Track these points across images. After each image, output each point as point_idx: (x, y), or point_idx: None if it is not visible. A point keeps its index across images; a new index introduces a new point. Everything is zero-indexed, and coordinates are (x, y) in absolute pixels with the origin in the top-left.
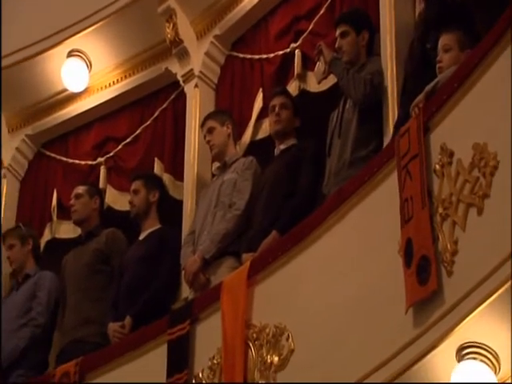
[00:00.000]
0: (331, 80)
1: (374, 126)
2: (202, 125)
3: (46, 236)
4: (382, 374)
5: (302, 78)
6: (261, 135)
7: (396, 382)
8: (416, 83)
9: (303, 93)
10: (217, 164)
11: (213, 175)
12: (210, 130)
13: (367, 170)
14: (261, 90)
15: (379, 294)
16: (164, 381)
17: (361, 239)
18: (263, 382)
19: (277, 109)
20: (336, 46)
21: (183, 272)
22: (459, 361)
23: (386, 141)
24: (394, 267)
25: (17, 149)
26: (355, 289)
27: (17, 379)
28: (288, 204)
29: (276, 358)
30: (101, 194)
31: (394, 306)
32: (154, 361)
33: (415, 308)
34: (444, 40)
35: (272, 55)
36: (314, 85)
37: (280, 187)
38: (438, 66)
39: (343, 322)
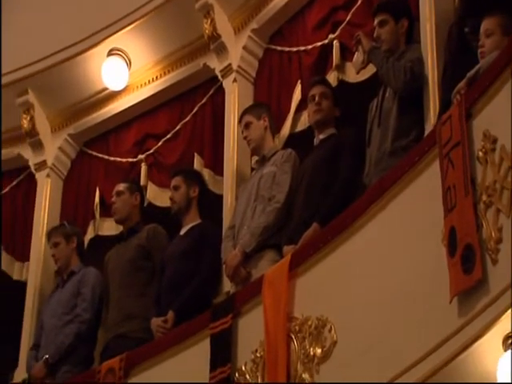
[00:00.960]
0: (370, 70)
1: (415, 115)
2: (240, 120)
3: (90, 233)
4: (428, 364)
5: (340, 68)
6: (300, 127)
7: (443, 371)
8: (455, 69)
9: (342, 83)
10: (256, 158)
11: (252, 169)
12: (247, 125)
13: (408, 159)
14: (299, 82)
15: (423, 284)
16: (207, 374)
17: (403, 229)
18: (306, 374)
19: (317, 98)
20: (375, 35)
21: (224, 266)
22: (506, 350)
23: (427, 129)
24: (437, 257)
25: (60, 148)
26: (398, 279)
27: (63, 375)
28: (328, 195)
29: (319, 350)
30: (141, 190)
31: (439, 296)
32: (197, 355)
33: (460, 297)
34: (486, 25)
35: (310, 47)
36: (352, 75)
37: (319, 178)
38: (479, 51)
39: (387, 312)
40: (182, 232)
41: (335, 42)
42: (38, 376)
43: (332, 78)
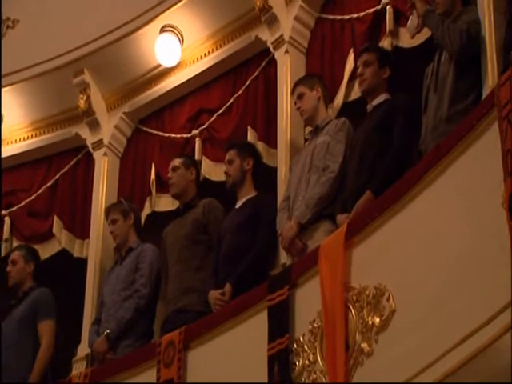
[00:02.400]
0: (425, 34)
1: (472, 79)
2: (292, 92)
3: (147, 209)
4: (489, 331)
5: (394, 34)
6: (353, 96)
7: (504, 338)
8: None
9: (396, 49)
10: (309, 128)
11: (305, 140)
12: (300, 96)
13: (466, 123)
14: (352, 50)
15: (483, 250)
16: (265, 346)
17: (462, 194)
18: (365, 344)
19: (359, 69)
20: None
21: (280, 238)
22: None
23: (485, 92)
24: (497, 221)
25: (115, 127)
26: (457, 245)
27: (124, 350)
28: (382, 162)
29: (377, 320)
30: (196, 165)
31: (499, 261)
32: (255, 327)
33: None
34: None
35: (362, 14)
36: (407, 40)
37: (373, 145)
38: None
39: (446, 280)
40: (238, 205)
41: (388, 8)
42: (99, 350)
43: (386, 44)
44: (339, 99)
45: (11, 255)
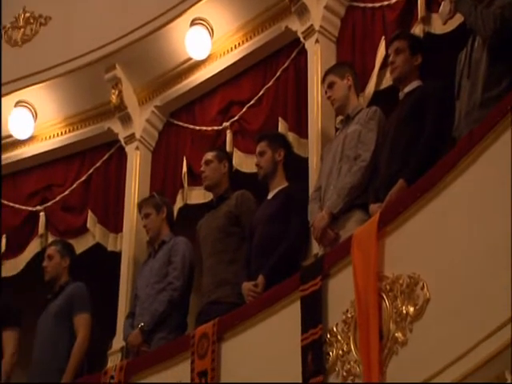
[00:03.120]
0: (457, 20)
1: (506, 64)
2: (323, 81)
3: (179, 203)
4: None
5: (426, 20)
6: (385, 84)
7: None
8: None
9: (428, 35)
10: (340, 118)
11: (336, 129)
12: (331, 85)
13: (500, 109)
14: (383, 38)
15: None
16: (299, 336)
17: (497, 181)
18: (399, 333)
19: (391, 57)
20: None
21: (312, 229)
22: None
23: None
24: None
25: (147, 120)
26: (492, 233)
27: (158, 342)
28: (414, 150)
29: (411, 309)
30: (229, 158)
31: None
32: (288, 317)
33: None
34: None
35: (393, 1)
36: (439, 26)
37: (405, 132)
38: None
39: (481, 268)
40: (270, 196)
41: None
42: (134, 343)
43: (418, 31)
44: (370, 88)
45: (47, 250)
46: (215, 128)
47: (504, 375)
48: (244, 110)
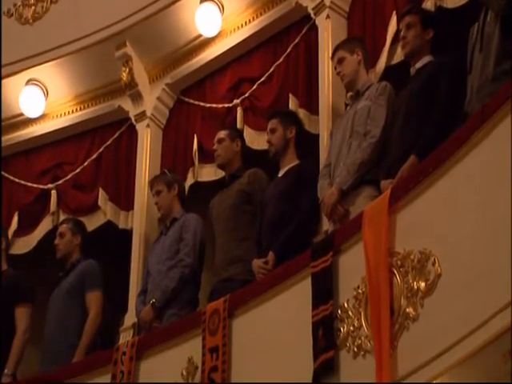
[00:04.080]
0: None
1: None
2: (332, 56)
3: (190, 180)
4: None
5: None
6: (396, 60)
7: None
8: None
9: (440, 10)
10: (350, 93)
11: (346, 105)
12: (340, 61)
13: None
14: (394, 12)
15: None
16: (310, 313)
17: (508, 156)
18: (410, 309)
19: (402, 32)
20: None
21: (322, 205)
22: None
23: None
24: None
25: (158, 98)
26: (505, 209)
27: (170, 318)
28: (426, 125)
29: (423, 284)
30: (242, 136)
31: None
32: (299, 294)
33: None
34: None
35: None
36: (451, 0)
37: (417, 107)
38: None
39: (493, 243)
40: (281, 174)
41: None
42: (146, 319)
43: (429, 5)
44: (382, 63)
45: (59, 228)
46: (226, 105)
47: None
48: (254, 87)
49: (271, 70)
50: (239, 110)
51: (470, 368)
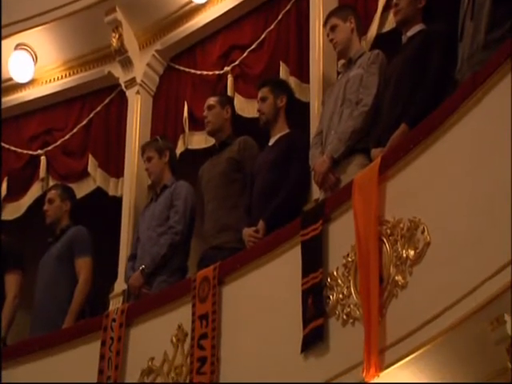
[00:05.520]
0: None
1: (509, 5)
2: (325, 23)
3: (180, 147)
4: None
5: None
6: (388, 27)
7: None
8: None
9: None
10: (342, 61)
11: (338, 73)
12: (333, 28)
13: (503, 50)
14: None
15: None
16: (299, 281)
17: (499, 124)
18: (399, 276)
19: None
20: None
21: (313, 173)
22: None
23: None
24: None
25: (148, 65)
26: (495, 178)
27: (159, 285)
28: (417, 94)
29: (412, 252)
30: (232, 103)
31: None
32: (289, 262)
33: None
34: None
35: None
36: None
37: (408, 76)
38: None
39: (482, 212)
40: (271, 142)
41: None
42: (135, 285)
43: None
44: (373, 30)
45: (47, 194)
46: (216, 72)
47: (503, 317)
48: (245, 54)
49: (262, 37)
50: (230, 78)
51: (458, 335)
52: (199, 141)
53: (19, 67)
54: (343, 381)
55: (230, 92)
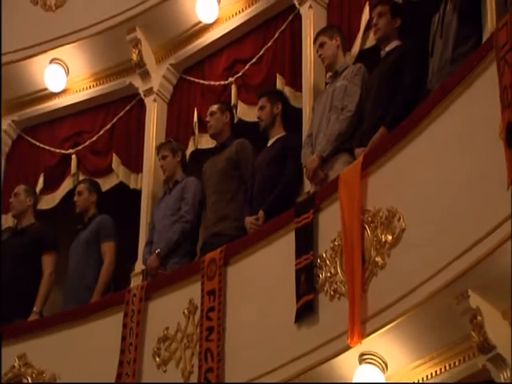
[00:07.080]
0: None
1: (473, 25)
2: (315, 41)
3: (190, 148)
4: (492, 241)
5: None
6: (369, 44)
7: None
8: None
9: (407, 1)
10: (329, 74)
11: (326, 84)
12: (321, 45)
13: (468, 64)
14: (367, 3)
15: (484, 176)
16: (294, 261)
17: (464, 128)
18: (379, 258)
19: (374, 19)
20: None
21: (304, 170)
22: None
23: (485, 37)
24: (496, 150)
25: (163, 76)
26: (461, 173)
27: (172, 266)
28: (394, 101)
29: (390, 237)
30: (231, 109)
31: (497, 185)
32: (284, 245)
33: None
34: None
35: None
36: None
37: (386, 86)
38: None
39: (450, 202)
40: (269, 143)
41: None
42: (152, 266)
43: None
44: (356, 47)
45: (77, 187)
46: (222, 83)
47: (467, 292)
48: (247, 67)
49: (261, 52)
50: (233, 87)
51: (429, 308)
52: (207, 142)
53: (53, 79)
54: (331, 346)
55: (233, 99)
